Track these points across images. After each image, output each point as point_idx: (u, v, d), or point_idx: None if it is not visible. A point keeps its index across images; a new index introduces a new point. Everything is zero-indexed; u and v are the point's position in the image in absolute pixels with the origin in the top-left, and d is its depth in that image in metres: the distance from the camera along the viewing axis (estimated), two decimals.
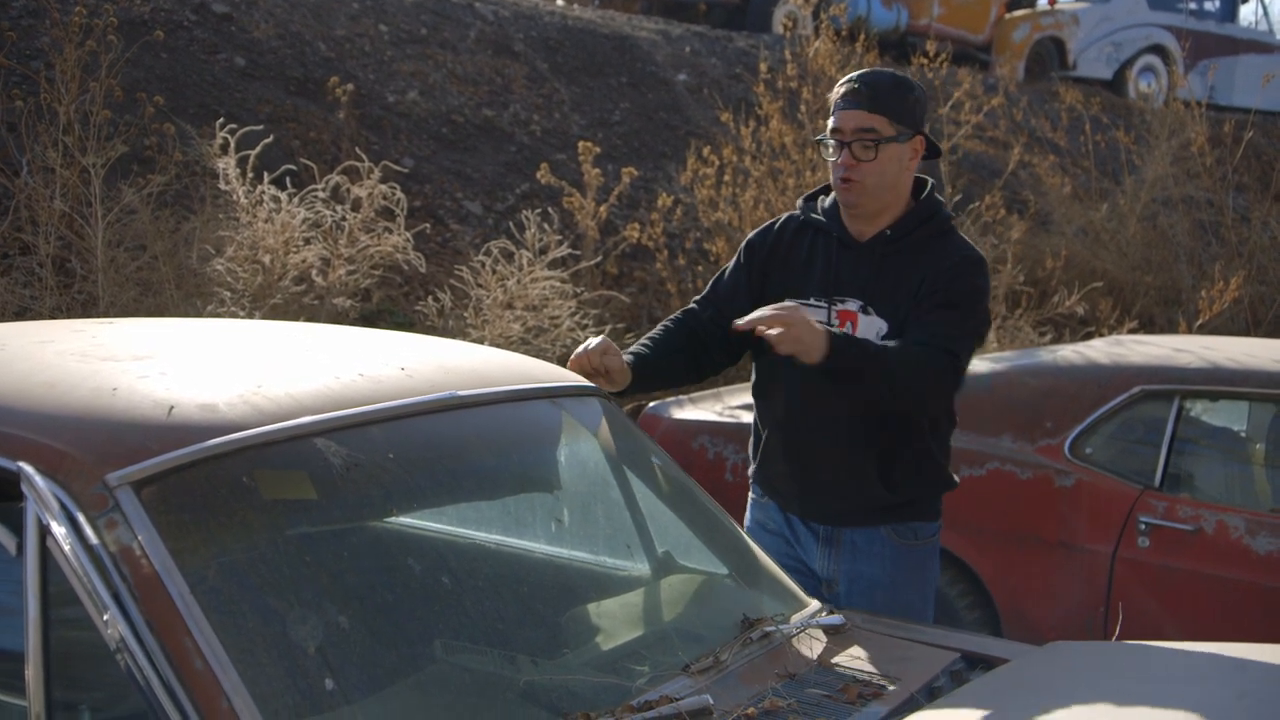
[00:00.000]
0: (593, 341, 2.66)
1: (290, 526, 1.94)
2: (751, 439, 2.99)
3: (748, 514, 3.02)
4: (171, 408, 1.85)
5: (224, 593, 1.74)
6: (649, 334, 2.89)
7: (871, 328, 2.68)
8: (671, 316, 2.93)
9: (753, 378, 2.94)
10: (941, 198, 2.85)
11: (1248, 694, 1.94)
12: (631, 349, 2.79)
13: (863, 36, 8.08)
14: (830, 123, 2.72)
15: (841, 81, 2.75)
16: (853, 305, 2.70)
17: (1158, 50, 14.59)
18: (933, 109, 8.75)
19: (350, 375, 2.14)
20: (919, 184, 2.80)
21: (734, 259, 2.93)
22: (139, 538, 1.67)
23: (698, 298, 2.96)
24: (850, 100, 2.67)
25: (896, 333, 2.67)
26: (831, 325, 2.69)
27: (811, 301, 2.73)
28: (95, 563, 1.65)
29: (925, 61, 8.25)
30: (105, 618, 1.62)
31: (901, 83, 2.72)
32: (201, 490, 1.81)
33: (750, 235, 2.93)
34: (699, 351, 2.86)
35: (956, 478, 2.87)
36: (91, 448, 1.74)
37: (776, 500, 2.91)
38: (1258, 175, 11.35)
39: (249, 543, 1.85)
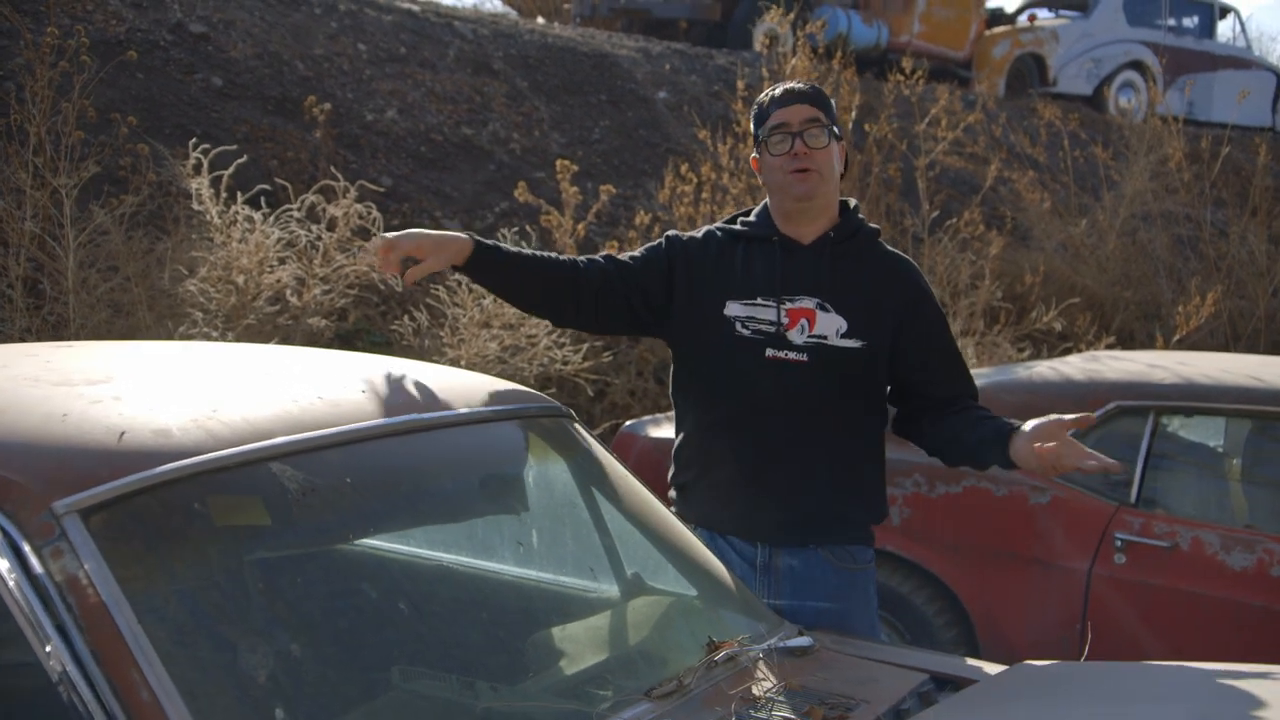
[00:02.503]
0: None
1: (243, 553, 1.91)
2: (682, 451, 2.87)
3: None
4: (123, 433, 1.82)
5: (174, 622, 1.71)
6: (536, 251, 2.83)
7: (831, 324, 2.70)
8: (568, 256, 2.84)
9: (689, 378, 2.83)
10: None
11: (1210, 715, 1.92)
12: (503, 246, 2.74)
13: (840, 54, 8.08)
14: (770, 122, 2.72)
15: (768, 92, 2.78)
16: (808, 303, 2.71)
17: (1137, 66, 14.67)
18: (910, 125, 8.76)
19: (309, 398, 2.11)
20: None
21: (653, 245, 2.86)
22: (85, 566, 1.64)
23: (603, 255, 2.87)
24: (791, 97, 2.72)
25: (858, 330, 2.70)
26: (781, 324, 2.70)
27: (759, 301, 2.73)
28: (39, 592, 1.62)
29: (902, 79, 8.26)
30: (48, 649, 1.59)
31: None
32: (152, 517, 1.78)
33: (673, 232, 2.88)
34: (567, 298, 2.76)
35: (921, 495, 2.86)
36: (38, 475, 1.71)
37: (708, 525, 2.82)
38: (1235, 190, 11.40)
39: (200, 570, 1.82)
